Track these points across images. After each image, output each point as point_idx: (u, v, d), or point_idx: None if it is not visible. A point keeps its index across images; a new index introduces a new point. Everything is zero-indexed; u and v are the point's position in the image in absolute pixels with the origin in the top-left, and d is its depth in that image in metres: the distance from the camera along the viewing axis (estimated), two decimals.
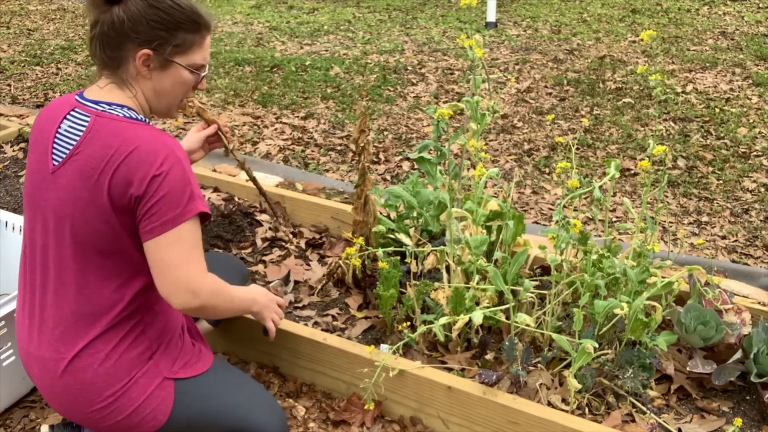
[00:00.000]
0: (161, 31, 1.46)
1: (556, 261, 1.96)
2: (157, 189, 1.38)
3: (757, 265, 2.84)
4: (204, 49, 1.55)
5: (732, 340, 2.01)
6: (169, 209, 1.40)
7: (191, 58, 1.53)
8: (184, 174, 1.42)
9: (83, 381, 1.46)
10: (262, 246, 2.65)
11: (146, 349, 1.52)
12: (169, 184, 1.39)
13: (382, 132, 4.12)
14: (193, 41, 1.52)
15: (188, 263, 1.43)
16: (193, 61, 1.53)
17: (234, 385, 1.63)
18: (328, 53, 5.73)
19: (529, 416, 1.73)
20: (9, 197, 3.11)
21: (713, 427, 1.86)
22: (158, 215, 1.40)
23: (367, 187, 2.22)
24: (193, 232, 1.44)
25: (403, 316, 2.12)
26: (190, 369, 1.58)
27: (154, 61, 1.48)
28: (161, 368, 1.53)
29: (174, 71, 1.52)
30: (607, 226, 2.20)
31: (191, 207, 1.42)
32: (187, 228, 1.42)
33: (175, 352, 1.58)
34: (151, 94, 1.53)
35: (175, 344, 1.59)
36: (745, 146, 3.92)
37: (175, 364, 1.56)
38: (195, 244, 1.45)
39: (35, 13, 7.24)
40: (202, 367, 1.60)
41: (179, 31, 1.48)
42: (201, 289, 1.44)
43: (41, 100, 4.62)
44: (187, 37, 1.50)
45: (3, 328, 1.84)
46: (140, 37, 1.45)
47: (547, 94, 4.78)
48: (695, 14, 6.96)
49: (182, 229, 1.42)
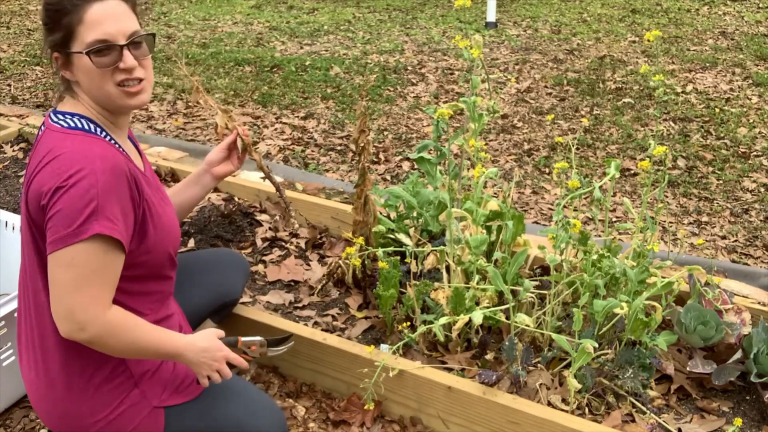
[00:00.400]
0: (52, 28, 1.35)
1: (556, 261, 1.96)
2: (57, 202, 1.27)
3: (757, 265, 2.84)
4: (90, 23, 1.33)
5: (732, 340, 2.01)
6: (62, 226, 1.26)
7: (82, 40, 1.33)
8: (88, 191, 1.26)
9: (64, 409, 1.43)
10: (262, 246, 2.65)
11: (127, 379, 1.44)
12: (68, 199, 1.26)
13: (382, 132, 4.12)
14: (72, 21, 1.33)
15: (77, 291, 1.27)
16: (85, 41, 1.33)
17: (230, 396, 1.55)
18: (328, 53, 5.73)
19: (529, 416, 1.73)
20: (9, 197, 3.11)
21: (713, 427, 1.85)
22: (52, 231, 1.28)
23: (367, 187, 2.22)
24: (91, 257, 1.27)
25: (403, 316, 2.12)
26: (182, 394, 1.50)
27: (62, 61, 1.38)
28: (149, 397, 1.46)
29: (77, 62, 1.36)
30: (607, 226, 2.20)
31: (87, 228, 1.25)
32: (83, 250, 1.26)
33: (165, 377, 1.49)
34: (86, 92, 1.40)
35: (166, 369, 1.50)
36: (745, 146, 3.92)
37: (165, 391, 1.48)
38: (94, 271, 1.28)
39: (35, 13, 7.24)
40: (196, 390, 1.52)
41: (62, 19, 1.33)
42: (88, 323, 1.28)
43: (41, 100, 4.62)
44: (69, 20, 1.33)
45: (3, 328, 1.84)
46: (48, 44, 1.38)
47: (547, 94, 4.78)
48: (695, 14, 6.96)
49: (75, 250, 1.26)
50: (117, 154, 1.36)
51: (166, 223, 1.48)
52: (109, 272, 1.31)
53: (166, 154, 3.53)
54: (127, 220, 1.32)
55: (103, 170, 1.28)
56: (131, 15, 1.40)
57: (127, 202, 1.32)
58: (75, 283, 1.27)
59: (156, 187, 1.55)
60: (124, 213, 1.32)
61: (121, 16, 1.36)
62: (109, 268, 1.31)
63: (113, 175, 1.29)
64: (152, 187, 1.50)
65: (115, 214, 1.29)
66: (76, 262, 1.27)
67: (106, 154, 1.32)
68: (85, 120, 1.39)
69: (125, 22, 1.37)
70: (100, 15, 1.33)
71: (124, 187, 1.32)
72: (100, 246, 1.28)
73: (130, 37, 1.37)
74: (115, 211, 1.29)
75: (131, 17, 1.40)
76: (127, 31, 1.36)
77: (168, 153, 3.58)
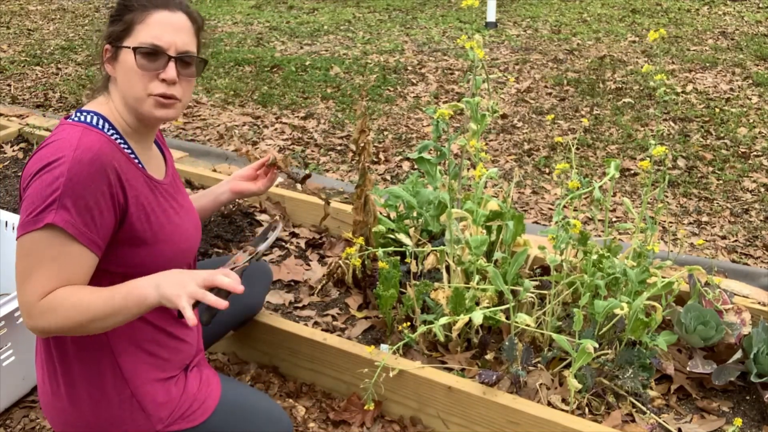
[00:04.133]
0: (116, 22, 1.37)
1: (556, 261, 1.96)
2: (29, 187, 1.25)
3: (757, 265, 2.84)
4: (150, 25, 1.34)
5: (732, 340, 2.01)
6: (25, 212, 1.23)
7: (135, 38, 1.34)
8: (57, 179, 1.21)
9: (66, 419, 1.42)
10: None
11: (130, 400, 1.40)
12: (37, 186, 1.23)
13: (382, 132, 4.12)
14: (134, 19, 1.35)
15: (25, 281, 1.23)
16: (138, 41, 1.34)
17: (239, 418, 1.50)
18: (328, 53, 5.73)
19: (529, 416, 1.73)
20: (9, 197, 3.11)
21: (713, 427, 1.86)
22: (20, 217, 1.26)
23: (367, 187, 2.22)
24: (44, 247, 1.22)
25: (403, 316, 2.12)
26: (188, 420, 1.45)
27: (110, 54, 1.38)
28: (153, 422, 1.41)
29: (123, 57, 1.35)
30: (607, 226, 2.20)
31: (43, 216, 1.21)
32: (37, 239, 1.22)
33: (172, 403, 1.44)
34: (120, 93, 1.38)
35: (173, 394, 1.45)
36: (745, 146, 3.92)
37: (172, 415, 1.43)
38: (44, 261, 1.23)
39: (35, 13, 7.24)
40: (203, 416, 1.47)
41: (126, 14, 1.36)
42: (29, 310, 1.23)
43: (41, 100, 4.62)
44: (132, 17, 1.36)
45: (3, 328, 1.84)
46: (104, 37, 1.39)
47: (547, 94, 4.78)
48: (695, 14, 6.96)
49: (31, 239, 1.22)
50: (106, 149, 1.29)
51: (178, 231, 1.44)
52: (62, 265, 1.24)
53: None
54: (94, 215, 1.25)
55: (80, 161, 1.23)
56: (192, 35, 1.41)
57: (100, 198, 1.26)
58: (25, 273, 1.24)
59: (171, 195, 1.49)
60: (92, 208, 1.25)
61: (181, 31, 1.38)
62: (61, 259, 1.24)
63: (90, 166, 1.24)
64: (162, 193, 1.45)
65: (78, 206, 1.23)
66: (30, 251, 1.23)
67: (92, 146, 1.26)
68: (99, 117, 1.35)
69: (182, 38, 1.37)
70: (162, 21, 1.35)
71: (101, 182, 1.26)
72: (56, 237, 1.22)
73: (181, 53, 1.37)
74: (79, 204, 1.23)
75: (191, 37, 1.41)
76: (181, 46, 1.37)
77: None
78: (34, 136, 3.61)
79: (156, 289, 1.24)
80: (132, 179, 1.34)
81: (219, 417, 1.49)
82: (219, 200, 1.82)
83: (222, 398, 1.51)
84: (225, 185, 1.82)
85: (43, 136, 3.57)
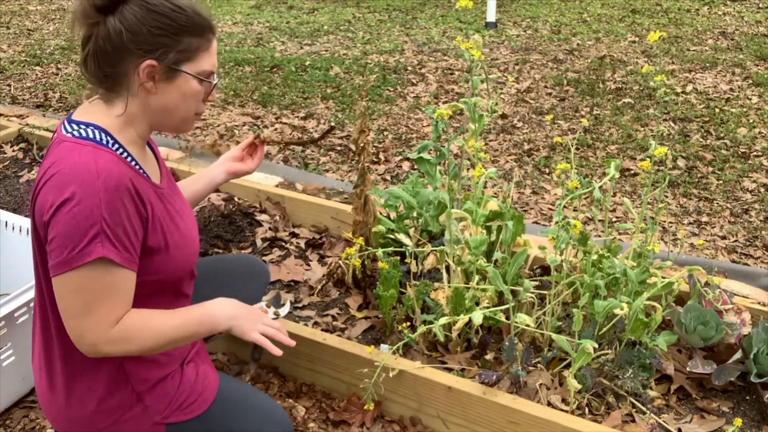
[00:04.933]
0: (164, 37, 1.32)
1: (556, 261, 1.96)
2: (58, 221, 1.24)
3: (757, 265, 2.84)
4: (211, 54, 1.41)
5: (732, 340, 2.01)
6: (64, 248, 1.24)
7: (199, 65, 1.38)
8: (92, 211, 1.23)
9: (66, 414, 1.43)
10: (262, 246, 2.65)
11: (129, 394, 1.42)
12: (71, 219, 1.23)
13: (382, 132, 4.12)
14: (199, 46, 1.37)
15: (82, 317, 1.27)
16: (201, 68, 1.38)
17: (238, 413, 1.52)
18: (328, 53, 5.73)
19: (529, 416, 1.73)
20: (9, 197, 3.11)
21: (713, 427, 1.86)
22: (55, 252, 1.25)
23: (367, 187, 2.22)
24: (95, 280, 1.26)
25: (403, 316, 2.12)
26: (185, 411, 1.47)
27: (159, 72, 1.34)
28: (151, 413, 1.43)
29: (181, 81, 1.37)
30: (607, 227, 2.20)
31: (90, 250, 1.23)
32: (87, 275, 1.25)
33: (169, 394, 1.46)
34: (157, 109, 1.38)
35: (170, 386, 1.47)
36: (745, 146, 3.92)
37: (168, 408, 1.45)
38: (99, 293, 1.27)
39: (35, 13, 7.24)
40: (200, 407, 1.49)
41: (183, 36, 1.34)
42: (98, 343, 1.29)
43: (41, 100, 4.62)
44: (193, 42, 1.36)
45: (3, 328, 1.84)
46: (142, 48, 1.31)
47: (547, 94, 4.78)
48: (695, 14, 6.96)
49: (80, 275, 1.24)
50: (122, 168, 1.31)
51: (184, 236, 1.46)
52: (116, 291, 1.29)
53: (165, 154, 3.53)
54: (131, 238, 1.30)
55: (106, 188, 1.25)
56: None
57: (133, 220, 1.30)
58: (81, 309, 1.27)
59: (170, 199, 1.50)
60: (129, 231, 1.29)
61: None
62: (116, 286, 1.29)
63: (117, 192, 1.26)
64: (166, 199, 1.46)
65: (117, 234, 1.26)
66: (81, 287, 1.26)
67: (111, 169, 1.28)
68: (101, 131, 1.34)
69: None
70: (215, 49, 1.43)
71: (129, 204, 1.29)
72: (105, 268, 1.26)
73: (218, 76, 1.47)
74: (118, 231, 1.27)
75: None
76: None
77: (168, 153, 3.58)
78: (34, 136, 3.60)
79: (229, 321, 1.44)
80: (144, 192, 1.35)
81: (217, 411, 1.50)
82: (215, 182, 1.86)
83: (220, 392, 1.53)
84: (219, 167, 1.87)
85: (43, 136, 3.57)
